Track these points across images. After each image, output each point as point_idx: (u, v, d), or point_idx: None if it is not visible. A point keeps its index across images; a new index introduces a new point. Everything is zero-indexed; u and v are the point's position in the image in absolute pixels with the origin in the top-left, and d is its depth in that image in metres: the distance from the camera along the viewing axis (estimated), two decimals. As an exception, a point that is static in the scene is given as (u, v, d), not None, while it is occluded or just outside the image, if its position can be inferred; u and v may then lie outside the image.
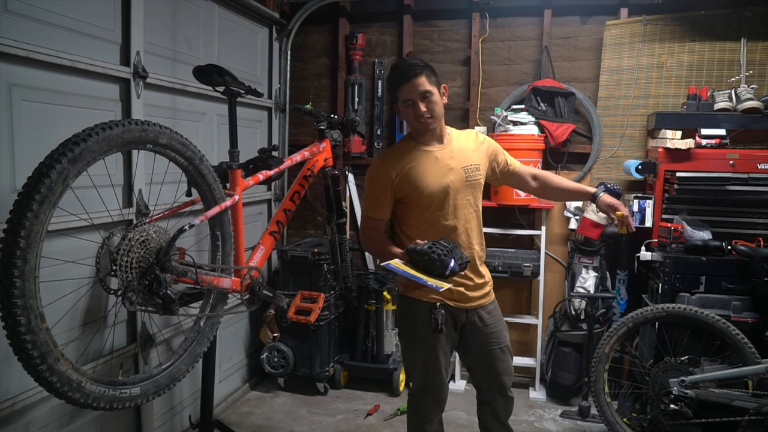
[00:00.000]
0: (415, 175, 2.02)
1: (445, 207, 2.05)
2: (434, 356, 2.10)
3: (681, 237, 2.96)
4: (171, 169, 2.00)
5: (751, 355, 2.58)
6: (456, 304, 2.09)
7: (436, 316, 2.02)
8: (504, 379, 2.19)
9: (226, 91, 2.10)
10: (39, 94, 2.00)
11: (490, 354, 2.16)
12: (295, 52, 3.97)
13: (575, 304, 3.35)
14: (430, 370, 2.12)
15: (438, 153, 2.07)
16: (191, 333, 2.05)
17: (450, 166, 2.06)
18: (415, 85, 1.97)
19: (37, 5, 1.97)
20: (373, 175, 2.08)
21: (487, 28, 3.76)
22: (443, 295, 2.00)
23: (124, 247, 1.65)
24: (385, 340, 3.62)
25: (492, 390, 2.21)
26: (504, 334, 2.20)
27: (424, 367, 2.12)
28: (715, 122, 3.09)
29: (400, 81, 1.99)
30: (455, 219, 2.07)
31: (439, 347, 2.10)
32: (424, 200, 2.03)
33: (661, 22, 3.45)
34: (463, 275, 2.03)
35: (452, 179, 2.05)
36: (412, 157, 2.05)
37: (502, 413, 2.25)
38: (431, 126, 2.03)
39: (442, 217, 2.05)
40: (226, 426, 2.74)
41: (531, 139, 3.45)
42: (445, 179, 2.04)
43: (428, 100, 1.99)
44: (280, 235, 2.49)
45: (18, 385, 1.91)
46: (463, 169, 2.07)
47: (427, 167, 2.04)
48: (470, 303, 2.11)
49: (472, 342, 2.16)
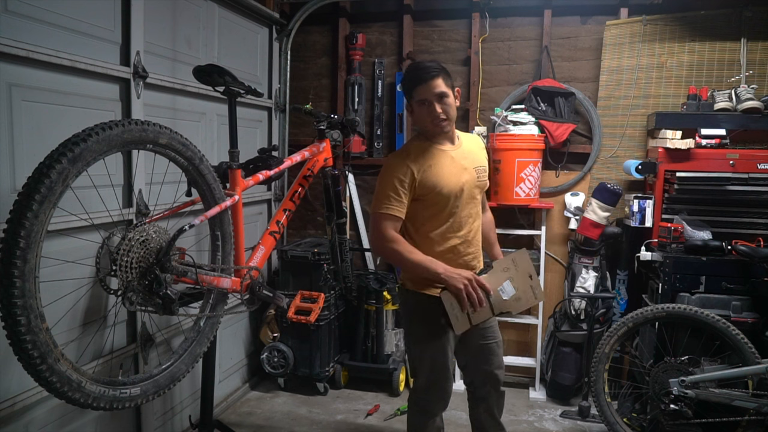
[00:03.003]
0: (435, 173, 2.04)
1: (460, 206, 2.08)
2: (443, 351, 2.12)
3: (681, 237, 2.96)
4: (171, 169, 2.00)
5: (751, 355, 2.58)
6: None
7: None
8: (498, 373, 2.25)
9: (226, 91, 2.10)
10: (39, 94, 2.00)
11: (487, 349, 2.21)
12: (295, 52, 3.97)
13: (575, 304, 3.35)
14: (438, 366, 2.14)
15: (453, 153, 2.11)
16: (191, 333, 2.05)
17: (464, 166, 2.10)
18: (431, 87, 1.99)
19: (37, 5, 1.97)
20: (393, 172, 2.02)
21: (487, 28, 3.76)
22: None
23: (124, 247, 1.65)
24: (385, 340, 3.61)
25: (486, 386, 2.25)
26: (497, 329, 2.27)
27: (432, 362, 2.14)
28: (715, 122, 3.09)
29: (418, 81, 2.01)
30: (468, 218, 2.12)
31: (447, 342, 2.13)
32: (442, 199, 2.04)
33: (661, 22, 3.45)
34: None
35: (467, 179, 2.09)
36: (430, 156, 2.06)
37: (496, 409, 2.30)
38: (446, 128, 2.07)
39: (455, 216, 2.09)
40: (226, 426, 2.74)
41: (531, 139, 3.45)
42: (461, 178, 2.07)
43: (444, 102, 2.02)
44: (280, 235, 2.49)
45: (18, 385, 1.91)
46: (474, 170, 2.13)
47: (445, 166, 2.06)
48: None
49: (471, 337, 2.18)
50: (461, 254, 2.12)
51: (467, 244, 2.13)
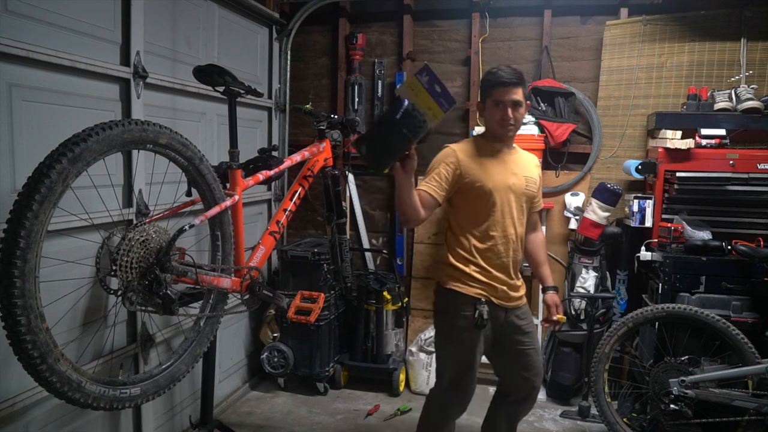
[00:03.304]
0: (482, 166, 2.14)
1: (504, 206, 2.15)
2: (471, 353, 2.15)
3: (681, 237, 2.96)
4: (171, 169, 2.00)
5: (751, 355, 2.58)
6: (499, 302, 2.18)
7: (481, 310, 2.10)
8: (536, 381, 2.30)
9: (226, 91, 2.10)
10: (39, 94, 2.00)
11: (525, 354, 2.24)
12: (295, 52, 3.97)
13: (575, 304, 3.35)
14: (463, 367, 2.17)
15: (506, 156, 2.21)
16: (191, 333, 2.05)
17: (514, 171, 2.19)
18: (512, 92, 2.09)
19: (37, 5, 1.97)
20: (442, 158, 2.15)
21: (487, 28, 3.76)
22: (488, 291, 2.13)
23: (124, 247, 1.65)
24: (385, 340, 3.61)
25: (523, 392, 2.29)
26: (536, 337, 2.30)
27: (458, 362, 2.17)
28: (715, 122, 3.09)
29: (501, 83, 2.09)
30: (510, 221, 2.16)
31: (477, 345, 2.16)
32: (486, 193, 2.12)
33: (661, 22, 3.44)
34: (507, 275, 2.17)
35: (515, 182, 2.17)
36: (482, 151, 2.18)
37: (520, 417, 2.38)
38: (510, 133, 2.17)
39: (496, 216, 2.14)
40: (226, 426, 2.74)
41: (531, 139, 3.45)
42: (509, 180, 2.16)
43: (517, 110, 2.11)
44: (280, 235, 2.49)
45: (18, 385, 1.91)
46: (524, 178, 2.21)
47: (494, 164, 2.16)
48: (510, 302, 2.21)
49: (508, 342, 2.22)
50: (501, 255, 2.16)
51: (507, 248, 2.17)
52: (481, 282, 2.15)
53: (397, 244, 3.97)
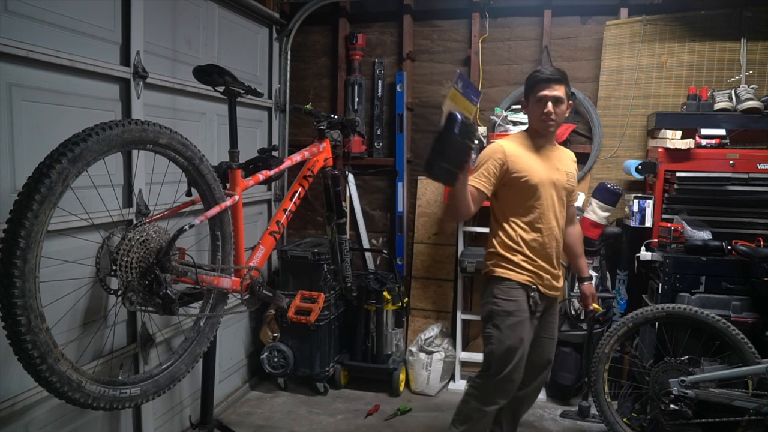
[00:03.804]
0: (528, 160, 2.23)
1: (547, 199, 2.25)
2: (520, 340, 2.21)
3: (681, 237, 2.96)
4: (171, 169, 2.00)
5: (751, 355, 2.58)
6: (544, 290, 2.28)
7: (534, 297, 2.21)
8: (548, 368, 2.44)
9: (226, 91, 2.10)
10: (39, 94, 2.00)
11: (548, 343, 2.38)
12: (295, 52, 3.97)
13: (575, 304, 3.35)
14: (514, 353, 2.21)
15: (549, 152, 2.32)
16: (191, 333, 2.05)
17: (557, 166, 2.30)
18: (554, 89, 2.19)
19: (37, 5, 1.97)
20: (490, 150, 2.24)
21: (487, 28, 3.77)
22: (535, 280, 2.24)
23: (124, 247, 1.65)
24: (385, 340, 3.61)
25: (534, 382, 2.40)
26: (556, 327, 2.46)
27: (509, 350, 2.21)
28: (715, 122, 3.09)
29: (543, 80, 2.20)
30: (553, 215, 2.27)
31: (526, 332, 2.23)
32: (531, 187, 2.21)
33: (661, 22, 3.45)
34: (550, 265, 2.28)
35: (558, 177, 2.28)
36: (528, 147, 2.28)
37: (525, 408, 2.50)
38: (551, 128, 2.25)
39: (541, 209, 2.24)
40: (226, 426, 2.74)
41: (531, 139, 3.44)
42: (552, 175, 2.27)
43: (558, 106, 2.20)
44: (280, 235, 2.49)
45: (18, 385, 1.91)
46: (566, 173, 2.33)
47: (539, 159, 2.26)
48: (553, 291, 2.33)
49: (540, 329, 2.33)
50: (546, 246, 2.26)
51: (551, 239, 2.27)
52: (529, 270, 2.24)
53: (397, 244, 3.97)
